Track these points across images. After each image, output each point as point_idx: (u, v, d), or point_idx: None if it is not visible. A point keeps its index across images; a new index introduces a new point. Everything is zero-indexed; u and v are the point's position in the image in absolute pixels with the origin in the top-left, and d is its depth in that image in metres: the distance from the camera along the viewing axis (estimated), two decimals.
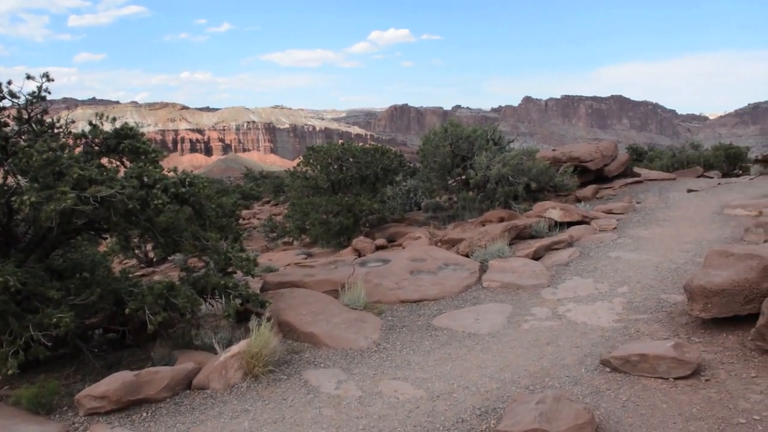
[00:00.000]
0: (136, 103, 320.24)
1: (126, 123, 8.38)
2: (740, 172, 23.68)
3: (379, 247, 14.25)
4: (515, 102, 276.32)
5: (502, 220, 12.92)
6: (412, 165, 22.04)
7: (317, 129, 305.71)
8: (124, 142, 7.98)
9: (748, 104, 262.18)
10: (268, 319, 7.10)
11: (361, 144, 21.55)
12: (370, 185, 18.94)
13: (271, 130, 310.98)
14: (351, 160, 18.78)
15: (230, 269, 8.30)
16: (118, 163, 8.08)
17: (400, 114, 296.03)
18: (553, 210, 12.35)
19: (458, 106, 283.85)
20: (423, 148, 17.28)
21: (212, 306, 8.42)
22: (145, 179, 7.24)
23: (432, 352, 6.94)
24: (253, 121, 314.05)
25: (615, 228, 11.75)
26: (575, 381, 5.70)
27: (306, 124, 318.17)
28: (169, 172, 7.85)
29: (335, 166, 18.90)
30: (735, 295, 6.17)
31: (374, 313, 8.19)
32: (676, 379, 5.43)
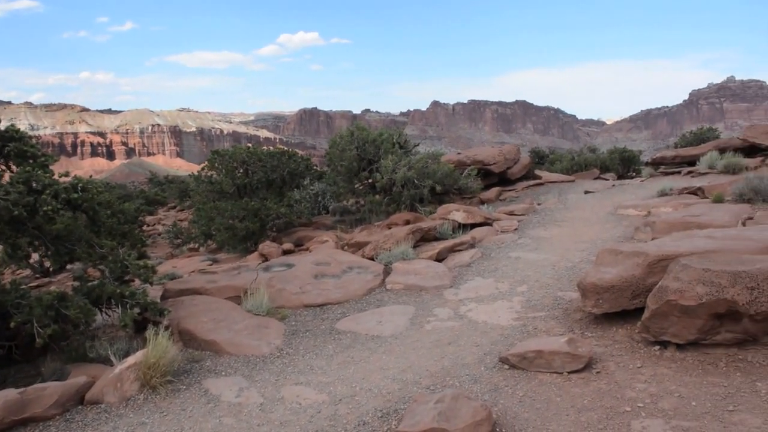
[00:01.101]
0: (30, 104, 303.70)
1: (12, 124, 7.93)
2: (633, 174, 24.84)
3: (286, 252, 14.11)
4: (424, 106, 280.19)
5: (407, 222, 13.06)
6: (319, 168, 21.98)
7: (225, 132, 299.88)
8: (9, 145, 7.56)
9: (641, 110, 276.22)
10: (167, 328, 6.91)
11: (268, 147, 21.27)
12: (277, 189, 18.73)
13: (177, 133, 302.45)
14: (257, 163, 18.51)
15: (127, 277, 8.02)
16: (3, 167, 7.66)
17: (310, 117, 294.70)
18: (457, 212, 12.59)
19: (367, 110, 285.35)
20: (330, 151, 17.26)
21: (109, 316, 8.11)
22: (34, 185, 6.89)
23: (335, 355, 6.93)
24: (159, 124, 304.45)
25: (516, 229, 12.09)
26: (475, 379, 5.82)
27: (213, 128, 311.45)
28: (60, 177, 7.50)
29: (241, 170, 18.58)
30: (623, 291, 6.47)
31: (277, 319, 8.10)
32: (569, 372, 5.64)
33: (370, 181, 16.50)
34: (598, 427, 4.70)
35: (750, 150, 17.59)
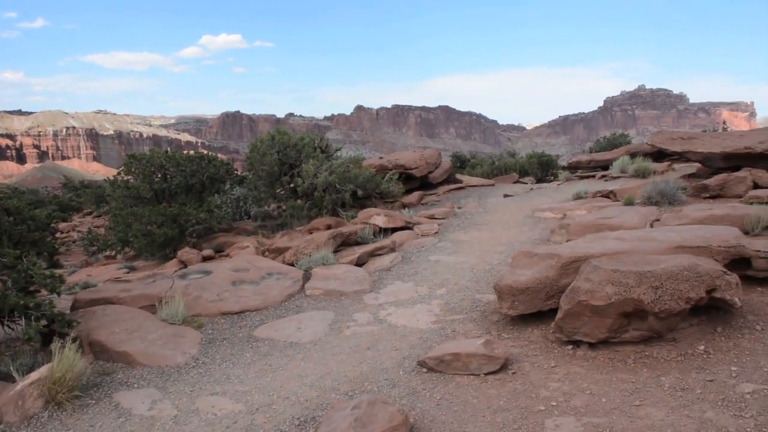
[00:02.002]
0: None
1: None
2: (551, 178, 25.54)
3: (206, 258, 13.79)
4: (348, 110, 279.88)
5: (329, 227, 12.99)
6: (240, 173, 21.62)
7: (144, 136, 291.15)
8: None
9: (560, 116, 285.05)
10: (75, 340, 6.61)
11: (190, 152, 20.77)
12: (197, 194, 18.29)
13: (93, 136, 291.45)
14: (176, 168, 18.04)
15: (33, 288, 7.63)
16: None
17: (232, 121, 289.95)
18: (378, 216, 12.61)
19: (291, 114, 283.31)
20: (250, 156, 17.00)
21: (12, 330, 7.70)
22: None
23: (252, 364, 6.80)
24: (74, 127, 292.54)
25: (436, 232, 12.21)
26: (393, 384, 5.82)
27: (132, 131, 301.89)
28: None
29: (159, 175, 18.07)
30: (538, 292, 6.60)
31: (194, 327, 7.89)
32: (486, 374, 5.72)
33: (291, 185, 16.35)
34: (513, 427, 4.76)
35: (658, 155, 18.38)
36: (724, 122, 47.34)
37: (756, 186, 11.49)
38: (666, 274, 5.63)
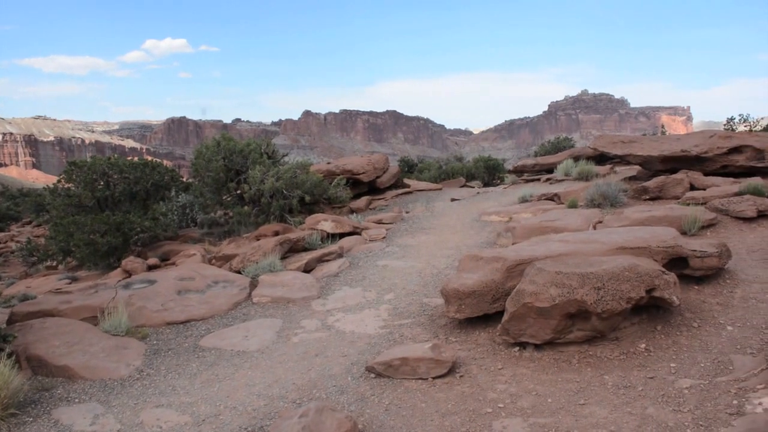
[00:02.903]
0: None
1: None
2: (498, 181, 25.84)
3: (151, 267, 13.50)
4: (296, 116, 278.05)
5: (276, 233, 12.88)
6: (186, 180, 21.27)
7: (87, 142, 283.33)
8: None
9: (506, 121, 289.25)
10: (11, 355, 6.39)
11: (134, 158, 20.33)
12: (141, 202, 17.93)
13: (32, 142, 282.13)
14: (119, 175, 17.65)
15: None
16: None
17: (178, 127, 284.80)
18: (326, 222, 12.57)
19: (238, 119, 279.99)
20: (195, 162, 16.73)
21: None
22: None
23: (199, 374, 6.68)
24: (11, 133, 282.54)
25: (384, 237, 12.23)
26: (342, 390, 5.79)
27: (74, 137, 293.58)
28: None
29: (101, 183, 17.64)
30: (484, 296, 6.67)
31: (138, 338, 7.70)
32: (434, 378, 5.75)
33: (238, 192, 16.16)
34: (461, 430, 4.81)
35: (600, 158, 18.79)
36: (663, 126, 48.76)
37: (692, 188, 11.86)
38: (608, 275, 5.75)
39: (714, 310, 6.37)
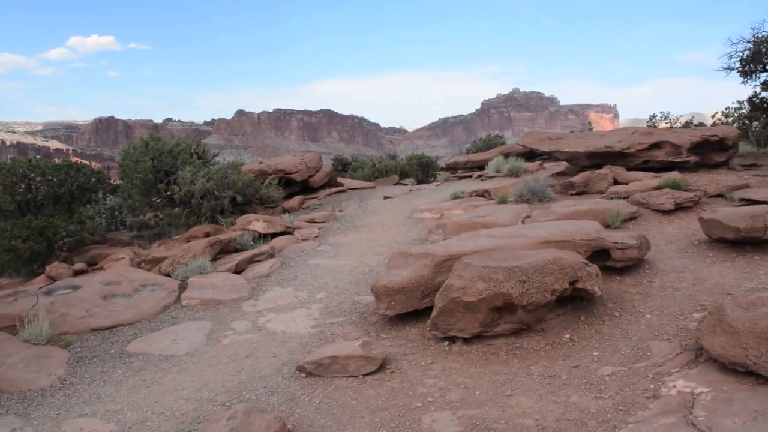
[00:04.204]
0: None
1: None
2: (432, 179, 26.09)
3: (78, 272, 13.07)
4: (229, 115, 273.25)
5: (208, 235, 12.67)
6: (115, 182, 20.69)
7: (8, 143, 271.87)
8: None
9: (440, 119, 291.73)
10: None
11: (60, 160, 19.64)
12: (66, 205, 17.34)
13: None
14: (42, 177, 17.03)
15: None
16: None
17: (107, 127, 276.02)
18: (257, 222, 12.44)
19: (170, 119, 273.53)
20: (123, 163, 16.28)
21: None
22: None
23: (125, 380, 6.51)
24: None
25: (317, 236, 12.18)
26: (272, 391, 5.75)
27: None
28: None
29: (22, 186, 16.99)
30: (414, 292, 6.73)
31: (60, 346, 7.44)
32: (365, 375, 5.77)
33: (168, 193, 15.81)
34: (391, 426, 4.83)
35: (530, 155, 19.22)
36: (590, 123, 50.25)
37: (616, 182, 12.25)
38: (532, 268, 5.89)
39: (634, 300, 6.60)
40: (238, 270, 10.03)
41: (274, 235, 12.25)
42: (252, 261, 10.40)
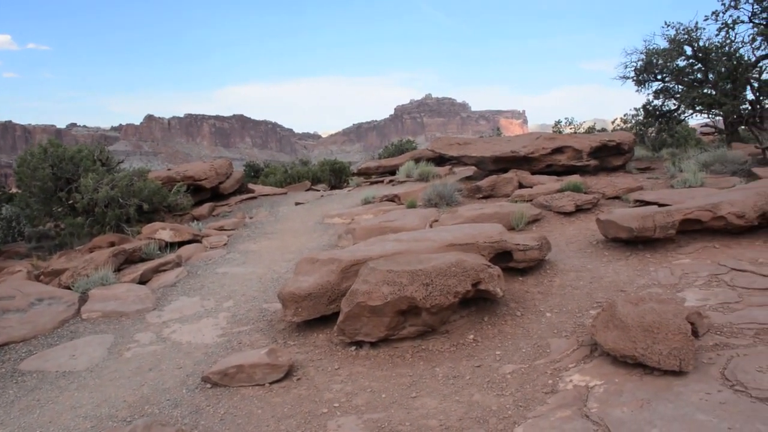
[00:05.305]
0: None
1: None
2: (345, 184, 26.13)
3: None
4: (138, 120, 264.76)
5: (112, 244, 12.23)
6: (10, 190, 19.71)
7: None
8: None
9: (353, 124, 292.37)
10: None
11: None
12: None
13: None
14: None
15: None
16: None
17: (3, 132, 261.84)
18: (164, 231, 12.12)
19: (74, 124, 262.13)
20: (19, 171, 15.49)
21: None
22: None
23: (17, 401, 6.18)
24: None
25: (225, 244, 11.98)
26: (176, 403, 5.60)
27: None
28: None
29: None
30: (320, 297, 6.72)
31: None
32: (271, 383, 5.71)
33: (70, 202, 15.16)
34: None
35: (440, 159, 19.59)
36: (498, 128, 51.56)
37: (521, 186, 12.64)
38: (436, 271, 5.99)
39: (536, 299, 6.82)
40: (143, 280, 9.74)
41: (181, 244, 11.96)
42: (158, 270, 10.12)
